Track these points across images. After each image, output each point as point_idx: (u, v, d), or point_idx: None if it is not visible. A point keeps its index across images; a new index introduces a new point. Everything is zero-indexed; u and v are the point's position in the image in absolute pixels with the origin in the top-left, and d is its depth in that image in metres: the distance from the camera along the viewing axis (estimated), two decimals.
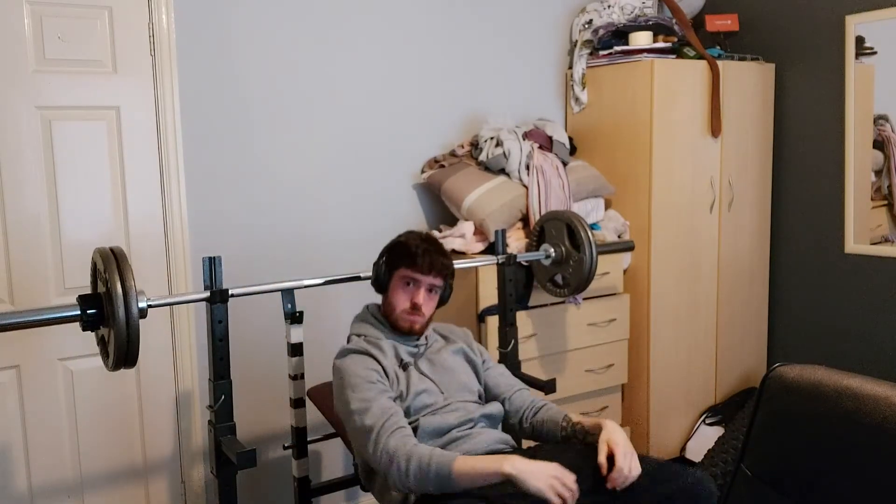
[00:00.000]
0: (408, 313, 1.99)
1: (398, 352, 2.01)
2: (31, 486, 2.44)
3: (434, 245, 2.02)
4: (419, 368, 2.00)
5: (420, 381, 1.96)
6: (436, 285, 2.00)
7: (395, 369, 1.96)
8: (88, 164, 2.46)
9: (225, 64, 2.66)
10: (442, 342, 2.12)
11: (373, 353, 1.95)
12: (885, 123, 3.08)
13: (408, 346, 2.04)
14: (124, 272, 1.68)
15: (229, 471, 2.05)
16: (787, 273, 3.51)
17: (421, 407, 1.93)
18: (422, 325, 2.02)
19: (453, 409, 1.94)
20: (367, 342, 1.99)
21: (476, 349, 2.14)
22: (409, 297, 1.98)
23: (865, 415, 1.65)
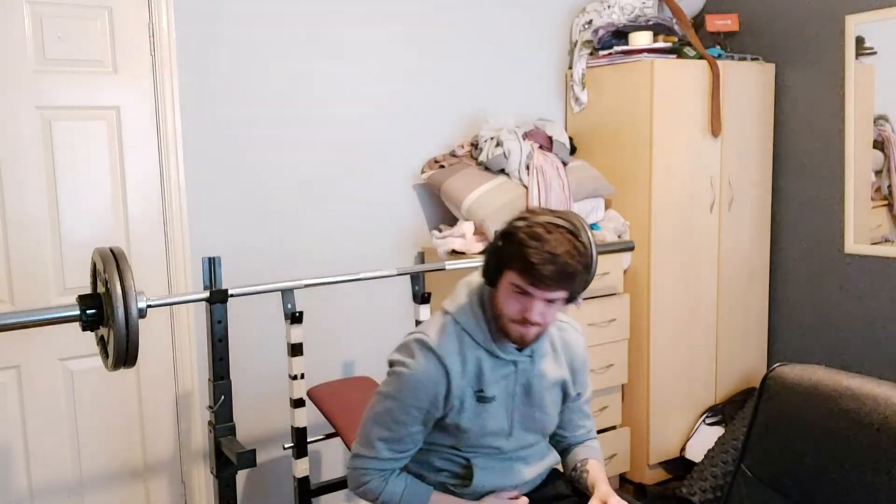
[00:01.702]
0: (517, 324, 1.57)
1: (483, 374, 1.63)
2: (31, 486, 2.44)
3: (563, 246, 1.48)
4: (505, 400, 1.67)
5: (496, 419, 1.66)
6: (557, 298, 1.55)
7: (466, 398, 1.63)
8: (88, 164, 2.46)
9: (225, 64, 2.66)
10: (549, 358, 1.71)
11: (447, 364, 1.59)
12: (885, 123, 3.08)
13: (504, 360, 1.64)
14: (124, 272, 1.68)
15: (229, 471, 2.05)
16: (787, 273, 3.51)
17: (483, 446, 1.67)
18: (537, 336, 1.61)
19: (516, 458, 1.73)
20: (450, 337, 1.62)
21: (579, 380, 1.79)
22: (520, 308, 1.55)
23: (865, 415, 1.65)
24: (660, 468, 3.33)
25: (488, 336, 1.62)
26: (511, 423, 1.67)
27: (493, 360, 1.63)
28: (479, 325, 1.63)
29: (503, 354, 1.63)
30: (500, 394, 1.64)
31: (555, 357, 1.72)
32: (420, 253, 3.14)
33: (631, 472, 3.31)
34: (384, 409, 1.64)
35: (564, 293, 1.54)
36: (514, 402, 1.67)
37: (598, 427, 3.17)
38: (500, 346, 1.63)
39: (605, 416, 3.19)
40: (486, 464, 1.68)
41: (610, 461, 3.20)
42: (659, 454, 3.27)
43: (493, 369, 1.63)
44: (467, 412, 1.62)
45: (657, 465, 3.31)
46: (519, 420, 1.68)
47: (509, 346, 1.63)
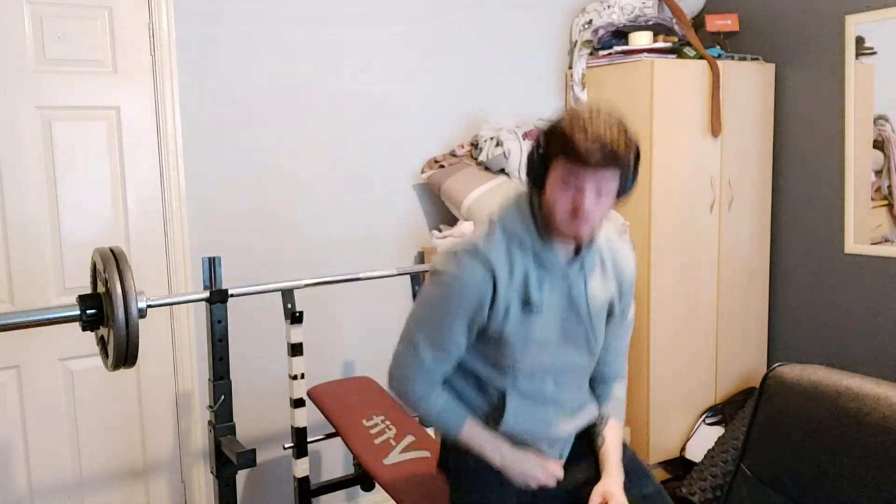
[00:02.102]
0: (569, 220, 1.51)
1: (530, 282, 1.58)
2: (31, 486, 2.44)
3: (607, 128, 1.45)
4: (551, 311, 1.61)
5: (542, 329, 1.61)
6: (608, 184, 1.49)
7: (512, 305, 1.58)
8: (88, 164, 2.46)
9: (225, 64, 2.66)
10: (598, 274, 1.67)
11: (495, 268, 1.56)
12: (885, 123, 3.08)
13: (552, 270, 1.60)
14: (124, 272, 1.68)
15: (229, 471, 2.05)
16: (787, 273, 3.51)
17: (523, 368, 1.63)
18: (590, 233, 1.55)
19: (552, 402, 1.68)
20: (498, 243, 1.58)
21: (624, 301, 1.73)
22: (570, 199, 1.49)
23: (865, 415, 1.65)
24: (660, 468, 3.33)
25: (538, 241, 1.58)
26: (557, 333, 1.63)
27: (540, 269, 1.59)
28: (529, 230, 1.59)
29: (551, 264, 1.59)
30: (547, 303, 1.60)
31: (603, 273, 1.67)
32: (420, 253, 3.14)
33: None
34: (429, 314, 1.61)
35: (614, 178, 1.49)
36: (560, 314, 1.62)
37: None
38: (549, 253, 1.59)
39: None
40: (520, 403, 1.65)
41: None
42: (659, 454, 3.27)
43: (541, 278, 1.59)
44: (512, 320, 1.58)
45: (657, 465, 3.31)
46: (564, 332, 1.64)
47: (559, 256, 1.59)
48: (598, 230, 1.61)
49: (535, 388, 1.65)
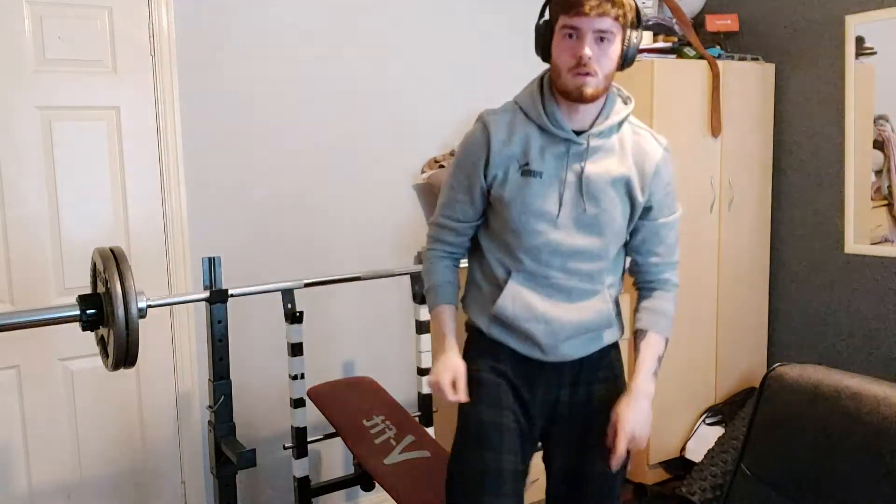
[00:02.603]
0: (573, 72, 1.53)
1: (531, 148, 1.61)
2: (31, 486, 2.44)
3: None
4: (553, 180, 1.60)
5: (542, 198, 1.60)
6: (606, 31, 1.51)
7: (511, 170, 1.62)
8: (88, 164, 2.46)
9: (225, 64, 2.66)
10: (614, 154, 1.63)
11: (490, 129, 1.64)
12: (885, 123, 3.08)
13: (556, 137, 1.61)
14: (124, 272, 1.68)
15: (229, 471, 2.05)
16: (787, 273, 3.51)
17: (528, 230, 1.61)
18: (595, 89, 1.54)
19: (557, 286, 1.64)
20: (505, 112, 1.67)
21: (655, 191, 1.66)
22: (572, 50, 1.53)
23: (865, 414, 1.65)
24: (660, 468, 3.33)
25: (541, 111, 1.61)
26: (559, 206, 1.60)
27: (544, 136, 1.61)
28: (535, 100, 1.63)
29: (557, 134, 1.60)
30: (549, 171, 1.60)
31: (621, 153, 1.63)
32: (420, 253, 3.14)
33: (631, 472, 3.31)
34: (446, 174, 1.74)
35: (614, 29, 1.52)
36: (563, 185, 1.60)
37: None
38: (555, 124, 1.60)
39: None
40: (521, 285, 1.64)
41: None
42: (659, 454, 3.27)
43: (544, 146, 1.61)
44: (510, 184, 1.61)
45: (657, 465, 3.31)
46: (569, 208, 1.61)
47: (565, 126, 1.60)
48: (603, 85, 1.56)
49: (542, 270, 1.63)
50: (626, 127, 1.66)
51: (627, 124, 1.67)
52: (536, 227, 1.61)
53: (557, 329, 1.65)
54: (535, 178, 1.60)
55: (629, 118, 1.68)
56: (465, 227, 1.74)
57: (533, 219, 1.61)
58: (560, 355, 1.68)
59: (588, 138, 1.60)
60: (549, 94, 1.62)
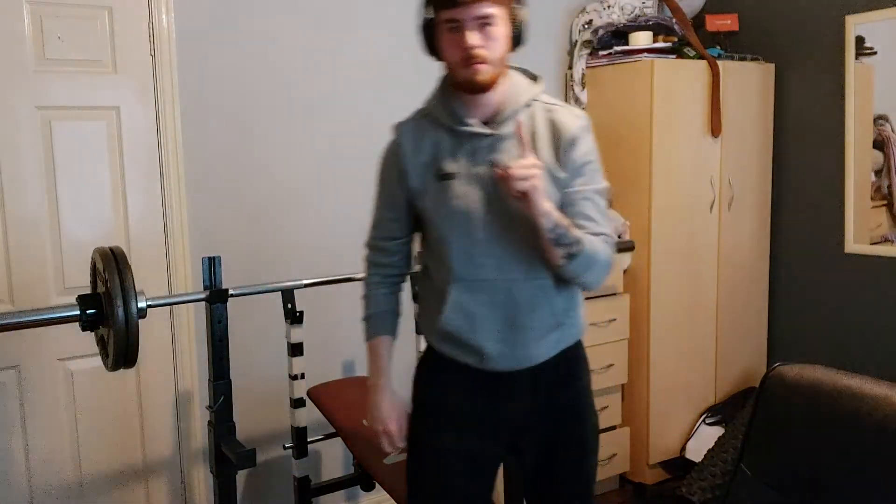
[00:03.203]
0: (464, 64, 1.49)
1: (441, 152, 1.57)
2: (31, 486, 2.44)
3: None
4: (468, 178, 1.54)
5: (461, 198, 1.54)
6: (488, 15, 1.47)
7: (428, 178, 1.58)
8: (88, 164, 2.46)
9: (225, 64, 2.66)
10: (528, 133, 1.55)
11: (401, 140, 1.62)
12: (885, 123, 3.08)
13: (465, 135, 1.56)
14: (124, 272, 1.68)
15: (229, 471, 2.05)
16: (787, 273, 3.51)
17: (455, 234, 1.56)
18: (489, 76, 1.50)
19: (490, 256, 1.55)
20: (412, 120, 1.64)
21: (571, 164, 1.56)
22: (458, 43, 1.48)
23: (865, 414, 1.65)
24: (660, 468, 3.33)
25: (445, 111, 1.57)
26: (484, 204, 1.53)
27: (453, 136, 1.57)
28: (439, 101, 1.60)
29: (462, 128, 1.56)
30: (463, 171, 1.55)
31: (534, 137, 1.57)
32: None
33: (631, 472, 3.32)
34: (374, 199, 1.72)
35: (496, 12, 1.48)
36: (484, 184, 1.53)
37: None
38: (462, 122, 1.56)
39: (605, 416, 3.19)
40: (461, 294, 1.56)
41: (610, 461, 3.20)
42: (659, 454, 3.27)
43: (454, 147, 1.56)
44: (430, 192, 1.57)
45: (657, 465, 3.31)
46: (491, 204, 1.53)
47: (473, 123, 1.55)
48: (497, 70, 1.52)
49: (478, 274, 1.55)
50: (537, 106, 1.60)
51: (538, 103, 1.60)
52: (462, 231, 1.55)
53: (505, 335, 1.56)
54: (452, 181, 1.55)
55: (539, 97, 1.61)
56: (396, 245, 1.70)
57: (457, 223, 1.55)
58: (512, 363, 1.57)
59: (497, 127, 1.55)
60: (451, 92, 1.58)
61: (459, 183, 1.55)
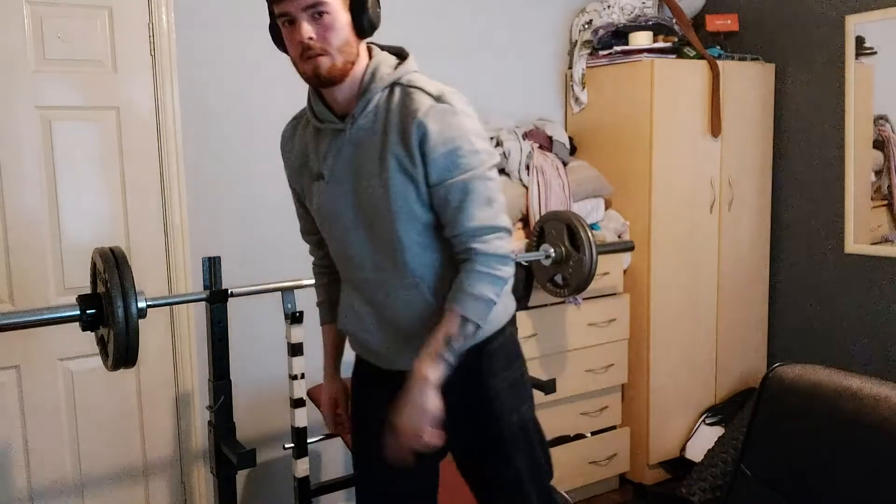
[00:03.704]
0: (303, 58, 1.43)
1: (309, 152, 1.56)
2: (31, 486, 2.43)
3: None
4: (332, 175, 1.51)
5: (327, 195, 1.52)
6: (317, 3, 1.38)
7: (303, 177, 1.60)
8: (88, 164, 2.46)
9: (225, 64, 2.66)
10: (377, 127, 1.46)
11: (282, 146, 1.67)
12: (885, 123, 3.08)
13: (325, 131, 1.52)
14: (124, 272, 1.68)
15: (229, 471, 2.05)
16: (787, 273, 3.51)
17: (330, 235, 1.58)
18: (331, 66, 1.42)
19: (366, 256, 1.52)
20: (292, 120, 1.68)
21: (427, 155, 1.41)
22: (294, 38, 1.42)
23: (865, 415, 1.65)
24: (660, 468, 3.33)
25: (311, 110, 1.54)
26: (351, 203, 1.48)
27: (319, 136, 1.53)
28: (309, 100, 1.56)
29: (320, 125, 1.52)
30: (331, 170, 1.50)
31: (385, 125, 1.44)
32: None
33: (631, 472, 3.32)
34: None
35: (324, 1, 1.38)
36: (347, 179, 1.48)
37: (598, 427, 3.19)
38: (322, 120, 1.51)
39: (605, 416, 3.20)
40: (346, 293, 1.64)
41: (610, 461, 3.20)
42: (659, 454, 3.27)
43: (319, 146, 1.53)
44: (307, 194, 1.59)
45: (657, 465, 3.31)
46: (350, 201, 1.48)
47: (332, 119, 1.50)
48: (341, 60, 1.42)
49: (355, 273, 1.56)
50: (396, 90, 1.46)
51: (397, 87, 1.46)
52: (337, 232, 1.53)
53: (386, 335, 1.55)
54: (320, 182, 1.52)
55: (402, 78, 1.47)
56: (316, 240, 1.73)
57: (331, 224, 1.54)
58: (399, 364, 1.53)
59: (355, 119, 1.46)
60: (314, 91, 1.53)
61: (328, 184, 1.51)
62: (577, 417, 3.12)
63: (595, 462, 3.15)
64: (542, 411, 3.01)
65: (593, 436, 3.17)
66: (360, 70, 1.47)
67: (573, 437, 3.12)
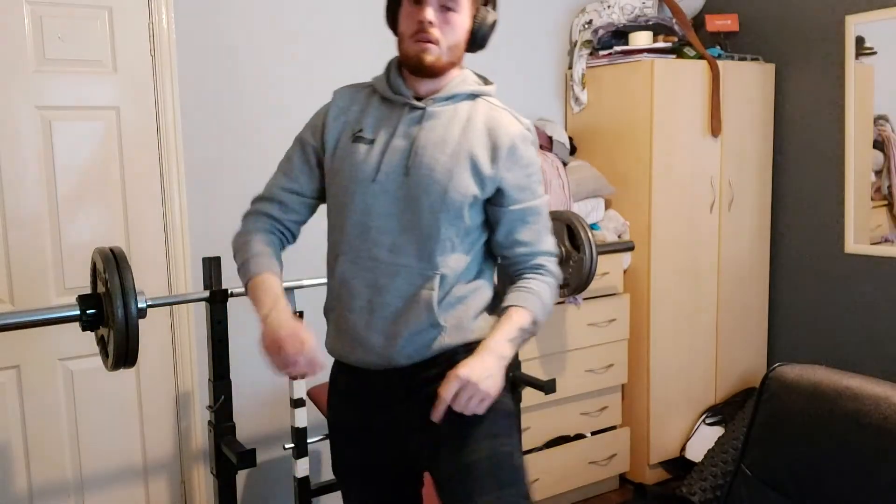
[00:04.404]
0: (414, 38, 1.45)
1: (367, 115, 1.54)
2: (31, 486, 2.44)
3: None
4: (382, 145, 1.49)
5: (366, 161, 1.49)
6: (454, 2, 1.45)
7: (343, 138, 1.54)
8: (88, 164, 2.46)
9: (225, 64, 2.66)
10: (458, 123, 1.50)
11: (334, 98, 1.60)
12: (885, 123, 3.08)
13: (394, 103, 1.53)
14: (124, 272, 1.68)
15: (229, 471, 2.05)
16: (787, 273, 3.51)
17: (356, 201, 1.49)
18: (436, 59, 1.46)
19: (387, 233, 1.47)
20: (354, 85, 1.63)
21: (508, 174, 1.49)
22: (415, 16, 1.45)
23: (866, 415, 1.65)
24: (660, 468, 3.33)
25: (388, 83, 1.54)
26: (393, 179, 1.47)
27: (384, 105, 1.53)
28: (384, 76, 1.56)
29: (393, 97, 1.52)
30: (381, 138, 1.50)
31: (467, 123, 1.50)
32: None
33: (631, 472, 3.32)
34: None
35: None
36: (398, 158, 1.47)
37: (598, 427, 3.19)
38: (396, 94, 1.52)
39: (605, 416, 3.20)
40: (349, 262, 1.50)
41: (610, 461, 3.20)
42: (659, 454, 3.27)
43: (381, 115, 1.52)
44: (340, 151, 1.52)
45: (657, 465, 3.32)
46: (394, 175, 1.46)
47: (406, 96, 1.51)
48: (446, 57, 1.47)
49: (367, 249, 1.48)
50: (482, 102, 1.55)
51: (483, 100, 1.55)
52: (363, 199, 1.48)
53: (376, 323, 1.47)
54: (365, 145, 1.50)
55: (487, 96, 1.56)
56: (297, 202, 1.61)
57: (359, 189, 1.48)
58: (396, 359, 1.47)
59: (429, 104, 1.50)
60: (397, 69, 1.55)
61: (373, 149, 1.49)
62: (577, 417, 3.12)
63: (595, 462, 3.15)
64: (543, 411, 3.02)
65: (593, 436, 3.17)
66: (451, 75, 1.53)
67: (573, 437, 3.13)
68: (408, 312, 1.46)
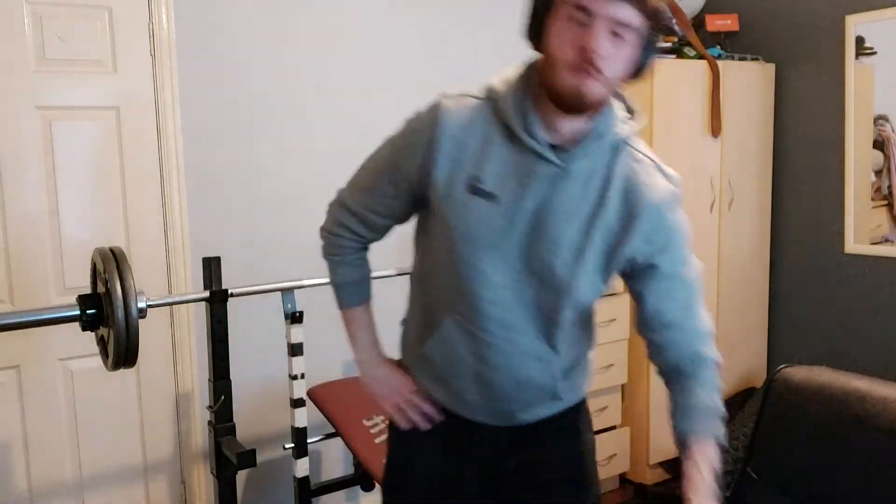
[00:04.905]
0: (573, 67, 1.13)
1: (488, 158, 1.22)
2: (31, 486, 2.43)
3: None
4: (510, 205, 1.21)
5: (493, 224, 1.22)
6: (627, 24, 1.12)
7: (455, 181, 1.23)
8: (88, 164, 2.45)
9: (225, 64, 2.65)
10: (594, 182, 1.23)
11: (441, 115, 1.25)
12: (885, 123, 3.08)
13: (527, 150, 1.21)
14: (124, 272, 1.67)
15: (229, 471, 2.05)
16: (787, 273, 3.50)
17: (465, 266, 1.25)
18: (598, 97, 1.16)
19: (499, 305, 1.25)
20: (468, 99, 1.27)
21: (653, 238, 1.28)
22: (576, 37, 1.13)
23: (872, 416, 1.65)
24: (660, 468, 3.33)
25: (520, 112, 1.21)
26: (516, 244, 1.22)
27: (510, 145, 1.22)
28: (515, 97, 1.23)
29: (528, 140, 1.20)
30: (506, 195, 1.21)
31: (604, 185, 1.23)
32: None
33: (631, 472, 3.31)
34: (374, 152, 1.43)
35: (636, 22, 1.12)
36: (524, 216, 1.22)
37: (598, 427, 3.18)
38: (529, 132, 1.21)
39: (605, 416, 3.19)
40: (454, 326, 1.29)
41: (610, 461, 3.20)
42: (659, 454, 3.27)
43: (507, 160, 1.22)
44: (453, 200, 1.23)
45: (657, 465, 3.31)
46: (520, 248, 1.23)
47: (541, 138, 1.20)
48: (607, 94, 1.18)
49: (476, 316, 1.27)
50: (624, 153, 1.26)
51: (626, 147, 1.27)
52: (477, 267, 1.23)
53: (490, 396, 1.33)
54: (486, 202, 1.22)
55: (630, 139, 1.28)
56: (382, 224, 1.44)
57: (472, 253, 1.23)
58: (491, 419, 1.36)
59: (568, 160, 1.21)
60: (529, 92, 1.23)
61: (496, 210, 1.22)
62: None
63: None
64: None
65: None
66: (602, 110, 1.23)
67: None
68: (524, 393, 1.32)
